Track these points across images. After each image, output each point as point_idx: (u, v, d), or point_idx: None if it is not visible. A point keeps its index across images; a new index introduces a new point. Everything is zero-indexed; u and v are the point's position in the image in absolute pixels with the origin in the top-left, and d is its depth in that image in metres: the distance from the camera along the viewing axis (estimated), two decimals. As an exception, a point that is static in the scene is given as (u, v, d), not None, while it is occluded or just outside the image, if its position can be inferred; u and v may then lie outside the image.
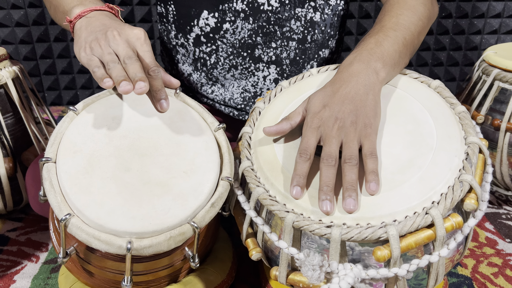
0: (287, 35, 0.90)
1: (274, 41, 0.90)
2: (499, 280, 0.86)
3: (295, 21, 0.89)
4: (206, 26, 0.89)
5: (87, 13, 0.72)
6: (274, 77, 0.93)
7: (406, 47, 0.73)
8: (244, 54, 0.91)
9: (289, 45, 0.90)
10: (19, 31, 1.63)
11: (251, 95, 0.95)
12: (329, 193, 0.59)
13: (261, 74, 0.93)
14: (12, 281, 0.87)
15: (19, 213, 1.09)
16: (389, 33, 0.71)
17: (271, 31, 0.89)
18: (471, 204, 0.58)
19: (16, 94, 0.97)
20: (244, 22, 0.88)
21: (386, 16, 0.76)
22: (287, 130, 0.67)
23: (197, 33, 0.90)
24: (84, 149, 0.64)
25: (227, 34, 0.89)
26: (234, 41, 0.90)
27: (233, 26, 0.88)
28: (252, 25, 0.88)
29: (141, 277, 0.69)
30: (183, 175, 0.64)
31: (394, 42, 0.71)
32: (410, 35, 0.73)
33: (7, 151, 0.97)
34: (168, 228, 0.60)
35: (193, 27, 0.90)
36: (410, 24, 0.74)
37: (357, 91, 0.65)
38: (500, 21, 1.65)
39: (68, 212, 0.59)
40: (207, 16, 0.88)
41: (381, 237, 0.56)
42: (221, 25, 0.88)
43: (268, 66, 0.92)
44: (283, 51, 0.91)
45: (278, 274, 0.64)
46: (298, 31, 0.90)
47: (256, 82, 0.94)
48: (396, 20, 0.74)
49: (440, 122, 0.65)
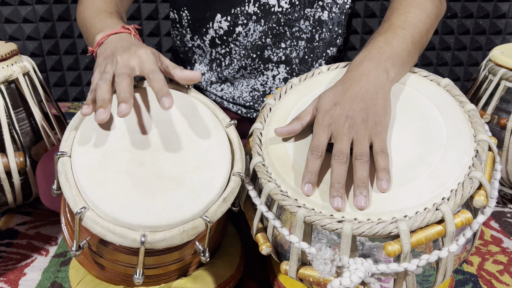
0: (296, 35, 0.90)
1: (284, 41, 0.91)
2: (504, 277, 0.87)
3: (304, 21, 0.90)
4: (219, 29, 0.90)
5: (104, 39, 0.75)
6: (284, 76, 0.94)
7: (415, 46, 0.73)
8: (253, 56, 0.92)
9: (298, 45, 0.91)
10: (26, 27, 1.64)
11: (260, 94, 0.96)
12: (340, 189, 0.59)
13: (270, 73, 0.94)
14: (23, 274, 0.88)
15: (28, 207, 1.10)
16: (398, 31, 0.72)
17: (281, 32, 0.90)
18: (480, 200, 0.59)
19: (27, 89, 0.98)
20: (256, 24, 0.89)
21: (394, 14, 0.76)
22: (298, 130, 0.68)
23: (212, 35, 0.91)
24: (99, 143, 0.64)
25: (240, 37, 0.90)
26: (246, 43, 0.91)
27: (246, 29, 0.89)
28: (263, 27, 0.89)
29: (151, 271, 0.70)
30: (195, 170, 0.65)
31: (403, 41, 0.71)
32: (419, 33, 0.74)
33: (17, 145, 0.98)
34: (181, 222, 0.60)
35: (208, 29, 0.91)
36: (419, 22, 0.75)
37: (367, 90, 0.65)
38: (505, 21, 1.66)
39: (83, 205, 0.59)
40: (220, 19, 0.89)
41: (391, 232, 0.56)
42: (234, 28, 0.89)
43: (277, 66, 0.93)
44: (293, 51, 0.92)
45: (288, 268, 0.65)
46: (306, 31, 0.90)
47: (265, 81, 0.95)
48: (404, 18, 0.74)
49: (450, 120, 0.66)
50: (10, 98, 0.96)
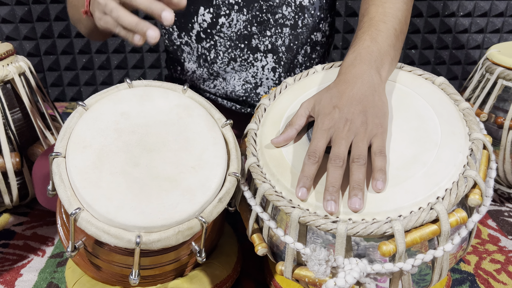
0: (280, 22, 0.91)
1: (269, 29, 0.91)
2: (501, 276, 0.87)
3: (286, 7, 0.90)
4: (203, 22, 0.90)
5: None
6: (272, 66, 0.94)
7: (398, 38, 0.73)
8: (241, 46, 0.92)
9: (283, 32, 0.92)
10: (23, 27, 1.64)
11: (252, 86, 0.96)
12: (335, 193, 0.59)
13: (259, 64, 0.94)
14: (19, 274, 0.88)
15: (24, 207, 1.09)
16: (380, 26, 0.71)
17: (265, 20, 0.90)
18: (475, 199, 0.59)
19: (23, 89, 0.98)
20: (238, 14, 0.89)
21: (371, 6, 0.75)
22: (293, 136, 0.68)
23: (197, 29, 0.91)
24: (93, 144, 0.64)
25: (224, 28, 0.90)
26: (231, 34, 0.91)
27: (229, 19, 0.90)
28: (247, 15, 0.89)
29: (147, 271, 0.70)
30: (191, 170, 0.65)
31: (387, 36, 0.71)
32: (399, 23, 0.73)
33: (13, 146, 0.98)
34: (177, 222, 0.60)
35: (194, 24, 0.91)
36: (397, 11, 0.74)
37: (363, 92, 0.65)
38: (502, 20, 1.66)
39: (78, 206, 0.59)
40: (203, 12, 0.89)
41: (386, 232, 0.56)
42: (217, 20, 0.90)
43: (265, 55, 0.93)
44: (278, 39, 0.92)
45: (283, 269, 0.65)
46: (290, 17, 0.91)
47: (256, 73, 0.95)
48: (382, 10, 0.74)
49: (445, 119, 0.66)
50: (6, 98, 0.96)
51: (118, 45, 1.70)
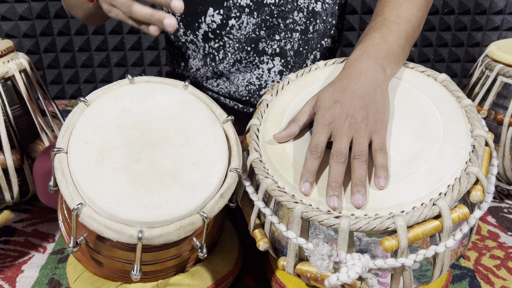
0: (290, 27, 0.90)
1: (278, 33, 0.91)
2: (501, 272, 0.87)
3: (297, 12, 0.90)
4: (212, 23, 0.90)
5: None
6: (279, 69, 0.94)
7: (408, 41, 0.73)
8: (248, 49, 0.92)
9: (292, 37, 0.91)
10: (23, 25, 1.64)
11: (256, 88, 0.96)
12: (337, 189, 0.59)
13: (265, 66, 0.94)
14: (20, 271, 0.88)
15: (25, 204, 1.09)
16: (392, 27, 0.72)
17: (275, 24, 0.90)
18: (477, 195, 0.59)
19: (23, 86, 0.98)
20: (249, 17, 0.89)
21: (386, 8, 0.76)
22: (296, 132, 0.68)
23: (205, 29, 0.91)
24: (95, 140, 0.64)
25: (233, 30, 0.90)
26: (240, 36, 0.90)
27: (239, 22, 0.89)
28: (256, 19, 0.89)
29: (149, 267, 0.70)
30: (192, 166, 0.65)
31: (398, 37, 0.71)
32: (411, 27, 0.74)
33: (14, 143, 0.97)
34: (178, 218, 0.60)
35: (201, 24, 0.91)
36: (411, 16, 0.74)
37: (366, 88, 0.65)
38: (502, 17, 1.66)
39: (80, 201, 0.59)
40: (212, 13, 0.89)
41: (389, 228, 0.57)
42: (227, 22, 0.89)
43: (272, 59, 0.93)
44: (287, 43, 0.92)
45: (285, 264, 0.65)
46: (300, 22, 0.90)
47: (261, 75, 0.95)
48: (397, 12, 0.74)
49: (447, 115, 0.66)
50: (6, 95, 0.96)
51: (117, 43, 1.69)
